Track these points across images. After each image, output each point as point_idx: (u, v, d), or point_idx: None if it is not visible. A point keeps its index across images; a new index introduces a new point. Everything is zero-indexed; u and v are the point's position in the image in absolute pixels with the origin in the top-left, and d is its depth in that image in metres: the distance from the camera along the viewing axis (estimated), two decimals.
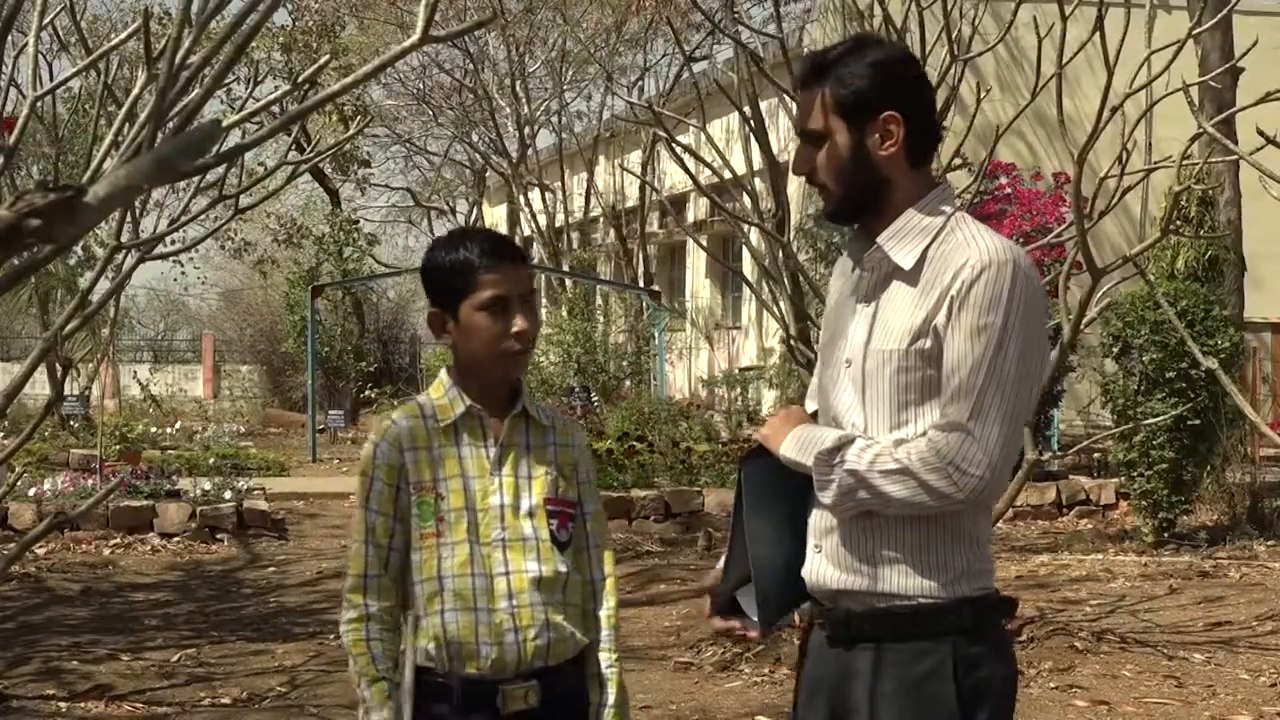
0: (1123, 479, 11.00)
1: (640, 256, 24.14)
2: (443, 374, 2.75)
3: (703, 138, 7.84)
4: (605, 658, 2.75)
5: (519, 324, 2.64)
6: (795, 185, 19.63)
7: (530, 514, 2.67)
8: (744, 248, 14.77)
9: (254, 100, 4.35)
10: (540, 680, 2.64)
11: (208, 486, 10.98)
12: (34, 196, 1.02)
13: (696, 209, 23.42)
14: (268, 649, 7.00)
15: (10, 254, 1.03)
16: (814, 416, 2.57)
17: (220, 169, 4.71)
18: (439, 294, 2.70)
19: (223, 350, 30.83)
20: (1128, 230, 19.20)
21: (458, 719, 2.62)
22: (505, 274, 2.65)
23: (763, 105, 17.82)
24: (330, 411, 20.25)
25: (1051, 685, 6.12)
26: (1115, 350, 10.46)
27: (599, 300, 23.96)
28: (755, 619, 2.48)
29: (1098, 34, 5.79)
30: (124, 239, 3.82)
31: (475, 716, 2.62)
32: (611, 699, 2.74)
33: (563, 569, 2.67)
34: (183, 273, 25.46)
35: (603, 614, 2.76)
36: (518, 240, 21.62)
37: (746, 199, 10.11)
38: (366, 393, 22.00)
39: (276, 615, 7.96)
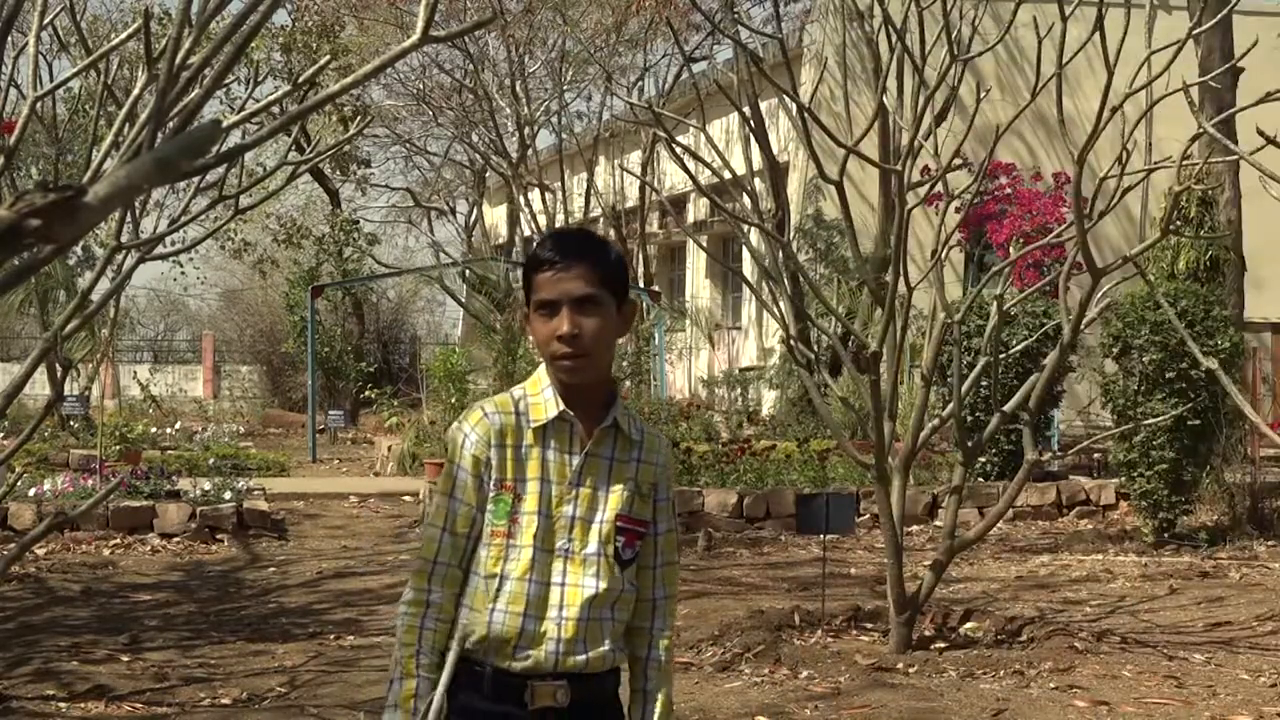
0: (1123, 479, 11.00)
1: (640, 256, 24.14)
2: (541, 370, 2.68)
3: (702, 138, 7.84)
4: (654, 676, 2.72)
5: (562, 327, 2.54)
6: (795, 185, 19.64)
7: (600, 530, 2.61)
8: (744, 248, 14.77)
9: (254, 101, 4.35)
10: (570, 682, 2.61)
11: (208, 487, 10.98)
12: (34, 196, 1.01)
13: (696, 209, 23.43)
14: (268, 649, 7.00)
15: (10, 254, 1.03)
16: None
17: (220, 169, 4.71)
18: (524, 293, 2.68)
19: (223, 350, 30.83)
20: (1128, 230, 19.20)
21: (486, 706, 2.61)
22: (556, 275, 2.57)
23: (763, 105, 17.85)
24: (330, 412, 20.27)
25: (1051, 685, 6.12)
26: (1115, 350, 10.46)
27: None
28: None
29: (1098, 34, 5.79)
30: (124, 239, 3.82)
31: (503, 707, 2.61)
32: (656, 717, 2.72)
33: (619, 587, 2.63)
34: (183, 273, 25.46)
35: (658, 633, 2.72)
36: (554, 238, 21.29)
37: (746, 199, 10.11)
38: (366, 393, 22.00)
39: (276, 615, 7.96)
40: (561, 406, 2.59)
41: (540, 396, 2.63)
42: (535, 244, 2.63)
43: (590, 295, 2.55)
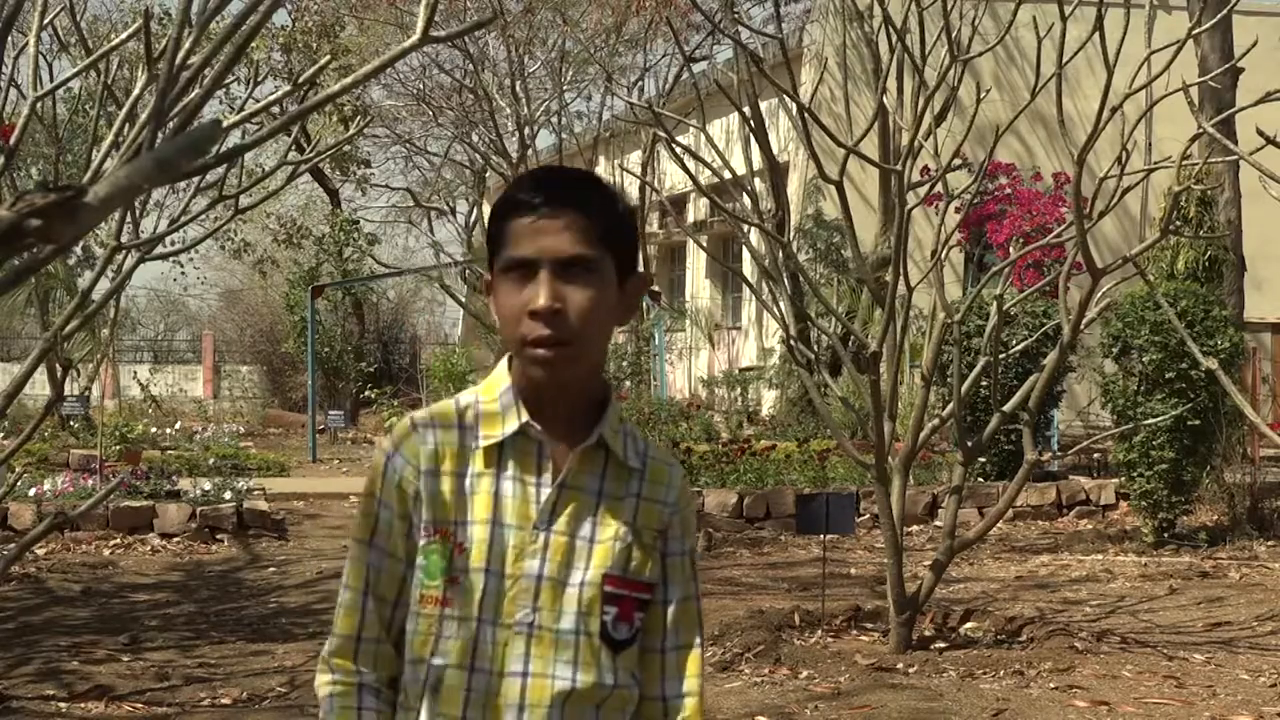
0: (1123, 479, 11.01)
1: (640, 256, 24.14)
2: (502, 366, 1.91)
3: (703, 138, 7.84)
4: None
5: (538, 299, 1.79)
6: (795, 185, 19.64)
7: (579, 596, 1.85)
8: (744, 248, 14.76)
9: (254, 101, 4.35)
10: None
11: (208, 487, 10.98)
12: (34, 196, 1.02)
13: (696, 209, 23.44)
14: (268, 649, 7.00)
15: (10, 254, 1.03)
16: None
17: (220, 169, 4.72)
18: (488, 251, 1.92)
19: (223, 350, 30.84)
20: (1128, 230, 19.22)
21: None
22: (536, 224, 1.81)
23: (763, 105, 17.84)
24: (330, 412, 20.27)
25: (1051, 685, 6.12)
26: (1115, 351, 10.47)
27: None
28: None
29: (1098, 34, 5.79)
30: (124, 239, 3.83)
31: None
32: None
33: (609, 680, 1.86)
34: (183, 273, 25.51)
35: None
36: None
37: (746, 199, 10.12)
38: (366, 393, 22.02)
39: (277, 615, 7.96)
40: (525, 417, 1.85)
41: (496, 403, 1.88)
42: (512, 183, 1.92)
43: (582, 256, 1.81)
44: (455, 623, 1.82)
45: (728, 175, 7.32)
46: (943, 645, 6.92)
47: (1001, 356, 7.33)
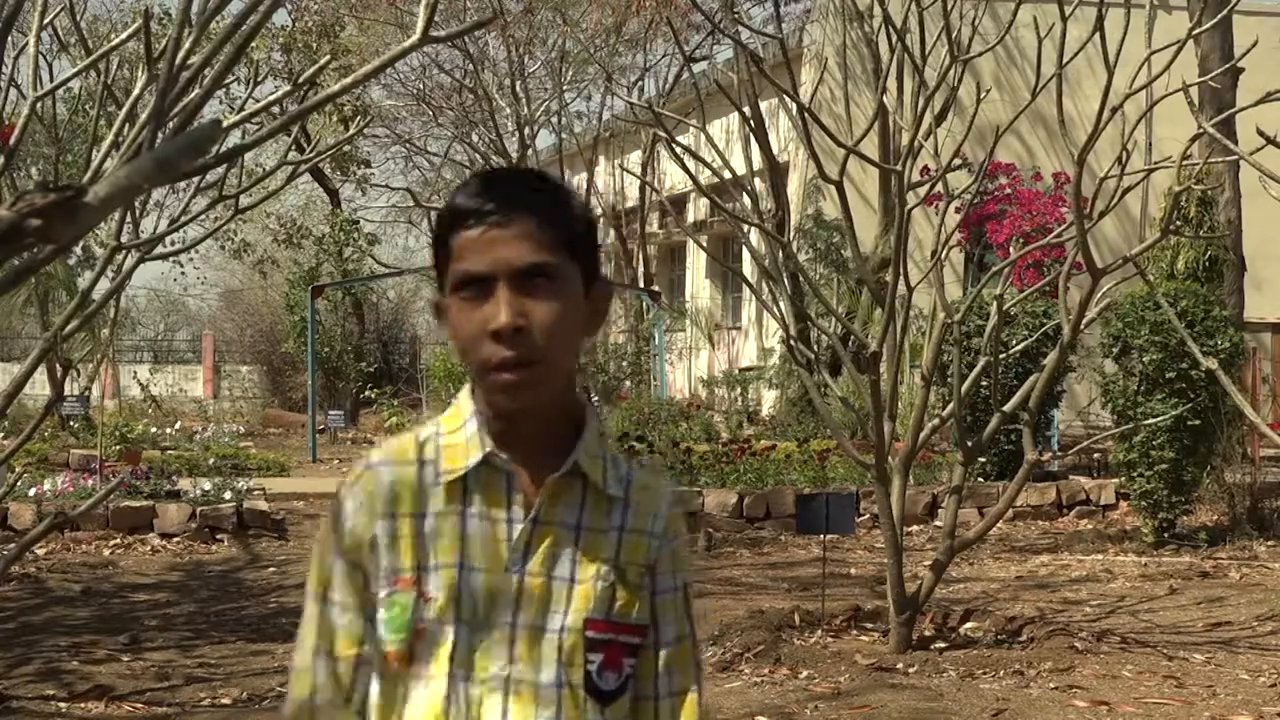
0: (1123, 479, 11.01)
1: (640, 257, 24.15)
2: (464, 393, 1.74)
3: (703, 138, 7.84)
4: None
5: (498, 316, 1.61)
6: (795, 185, 19.65)
7: (559, 644, 1.68)
8: (744, 248, 14.76)
9: (254, 101, 4.35)
10: None
11: (208, 487, 10.98)
12: (34, 196, 1.02)
13: (696, 209, 23.45)
14: (268, 649, 7.00)
15: (11, 254, 1.03)
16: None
17: (220, 169, 4.72)
18: (436, 268, 1.73)
19: (223, 350, 30.85)
20: (1128, 230, 19.22)
21: None
22: (487, 235, 1.63)
23: (763, 105, 17.85)
24: (330, 412, 20.27)
25: (1051, 685, 6.12)
26: (1115, 351, 10.47)
27: None
28: None
29: (1098, 34, 5.79)
30: (124, 239, 3.83)
31: None
32: None
33: None
34: (183, 273, 25.51)
35: None
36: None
37: (746, 199, 10.12)
38: (366, 393, 22.02)
39: (277, 615, 7.96)
40: (490, 447, 1.67)
41: (459, 433, 1.70)
42: (455, 189, 1.71)
43: (541, 265, 1.63)
44: (422, 682, 1.65)
45: (728, 175, 7.32)
46: (943, 645, 6.92)
47: (1001, 356, 7.33)
